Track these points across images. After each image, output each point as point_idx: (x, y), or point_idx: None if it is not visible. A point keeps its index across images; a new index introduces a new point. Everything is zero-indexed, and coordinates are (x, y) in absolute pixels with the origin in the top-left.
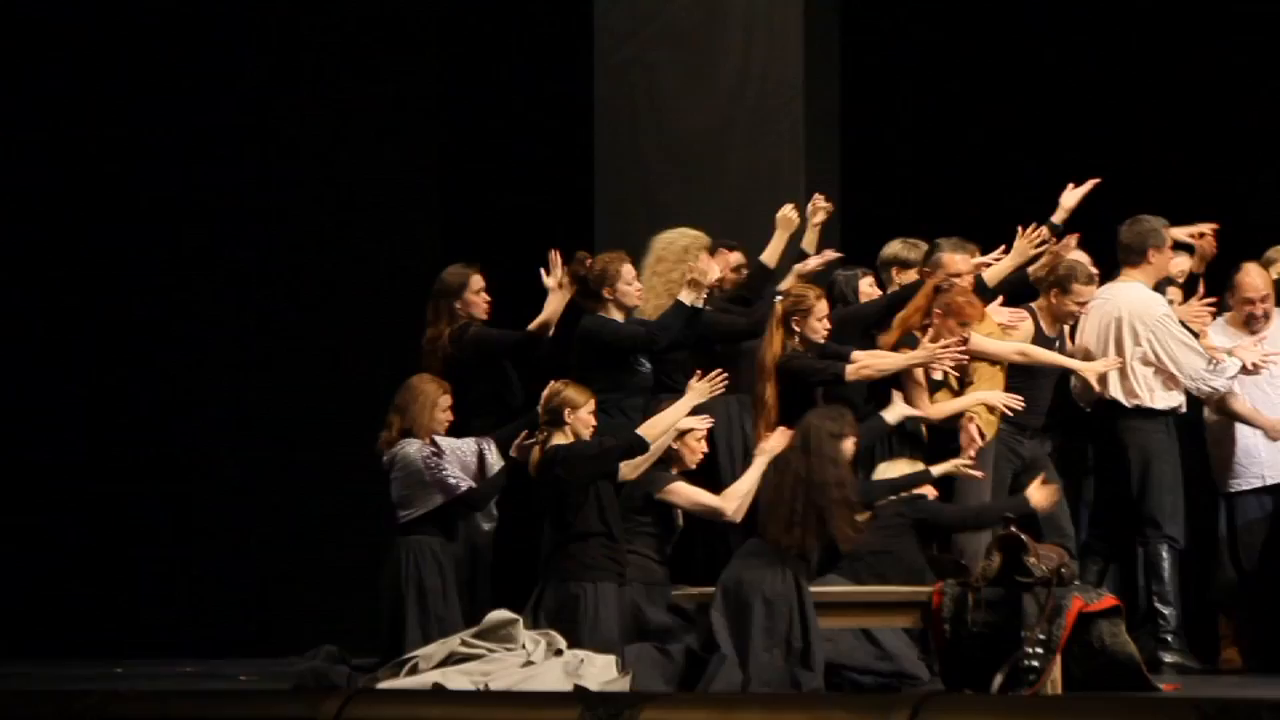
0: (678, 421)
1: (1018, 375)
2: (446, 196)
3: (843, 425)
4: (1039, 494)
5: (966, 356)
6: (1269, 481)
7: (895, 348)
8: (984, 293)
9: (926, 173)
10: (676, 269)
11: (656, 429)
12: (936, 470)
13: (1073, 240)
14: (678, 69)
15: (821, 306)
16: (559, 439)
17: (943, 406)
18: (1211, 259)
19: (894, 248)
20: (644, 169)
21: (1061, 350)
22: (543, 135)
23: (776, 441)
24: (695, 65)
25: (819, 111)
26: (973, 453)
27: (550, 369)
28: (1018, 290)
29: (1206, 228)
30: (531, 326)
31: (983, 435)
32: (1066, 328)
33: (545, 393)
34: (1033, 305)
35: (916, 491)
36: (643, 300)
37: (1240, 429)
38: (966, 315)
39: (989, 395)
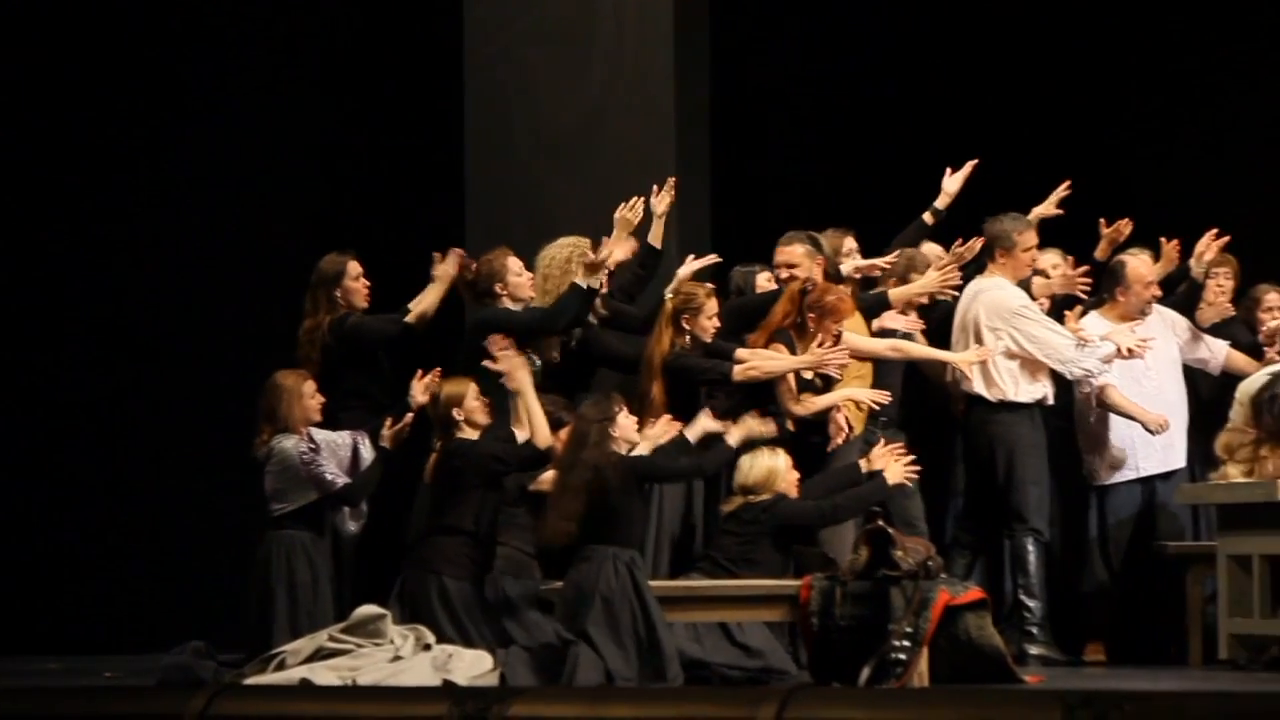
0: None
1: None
2: (320, 190)
3: (609, 409)
4: (893, 471)
5: (848, 360)
6: (1144, 473)
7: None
8: (882, 307)
9: (799, 164)
10: (564, 280)
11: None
12: (733, 439)
13: (976, 244)
14: (548, 62)
15: (711, 305)
16: (464, 435)
17: (810, 404)
18: (1119, 242)
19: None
20: (515, 162)
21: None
22: (414, 129)
23: (660, 429)
24: (566, 58)
25: (690, 104)
26: (840, 441)
27: (424, 363)
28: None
29: (1059, 197)
30: (409, 319)
31: (850, 427)
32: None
33: (422, 395)
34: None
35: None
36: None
37: (1114, 421)
38: (841, 312)
39: (855, 392)
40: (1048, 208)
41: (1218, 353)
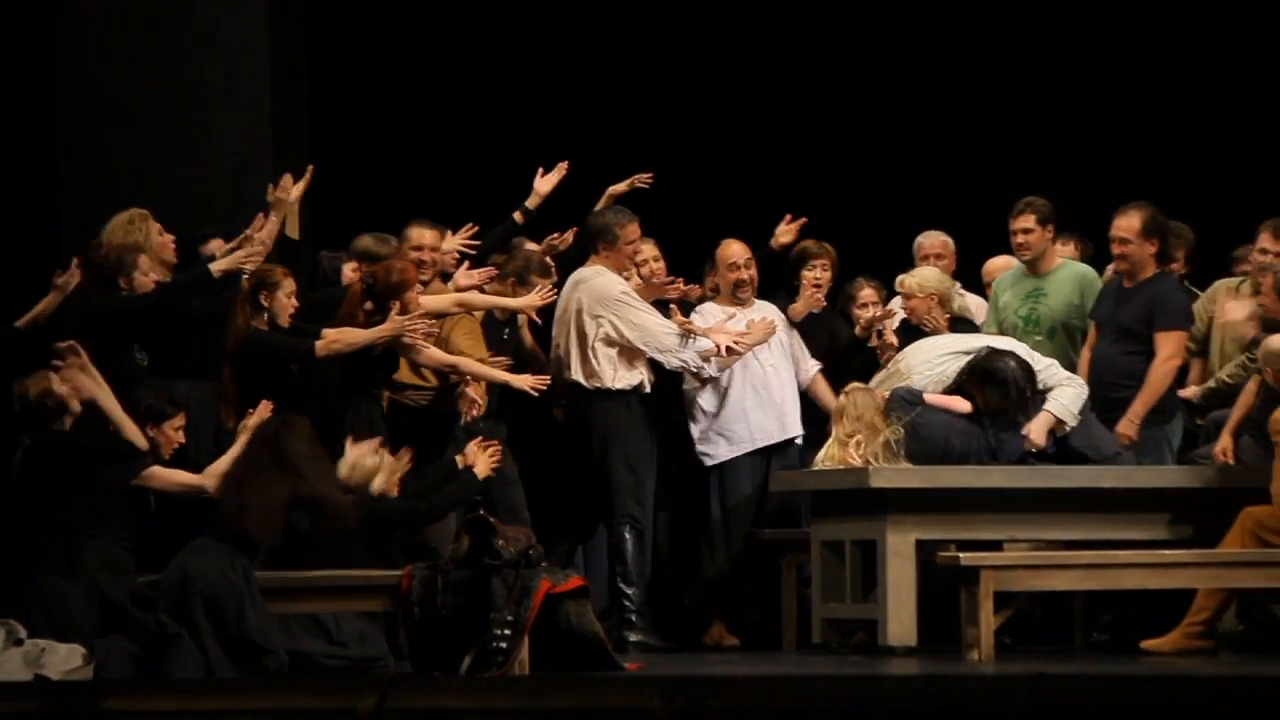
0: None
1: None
2: None
3: (304, 430)
4: (481, 462)
5: (435, 326)
6: (759, 444)
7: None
8: None
9: (397, 158)
10: (127, 238)
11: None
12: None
13: (569, 236)
14: (143, 53)
15: (289, 284)
16: (58, 426)
17: (432, 356)
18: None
19: (364, 242)
20: (110, 156)
21: (515, 334)
22: (6, 121)
23: (259, 417)
24: (161, 49)
25: (288, 96)
26: (475, 413)
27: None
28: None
29: (637, 180)
30: (19, 323)
31: (479, 400)
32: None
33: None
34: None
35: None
36: None
37: (726, 397)
38: (408, 280)
39: (489, 371)
40: (622, 186)
41: (810, 369)
